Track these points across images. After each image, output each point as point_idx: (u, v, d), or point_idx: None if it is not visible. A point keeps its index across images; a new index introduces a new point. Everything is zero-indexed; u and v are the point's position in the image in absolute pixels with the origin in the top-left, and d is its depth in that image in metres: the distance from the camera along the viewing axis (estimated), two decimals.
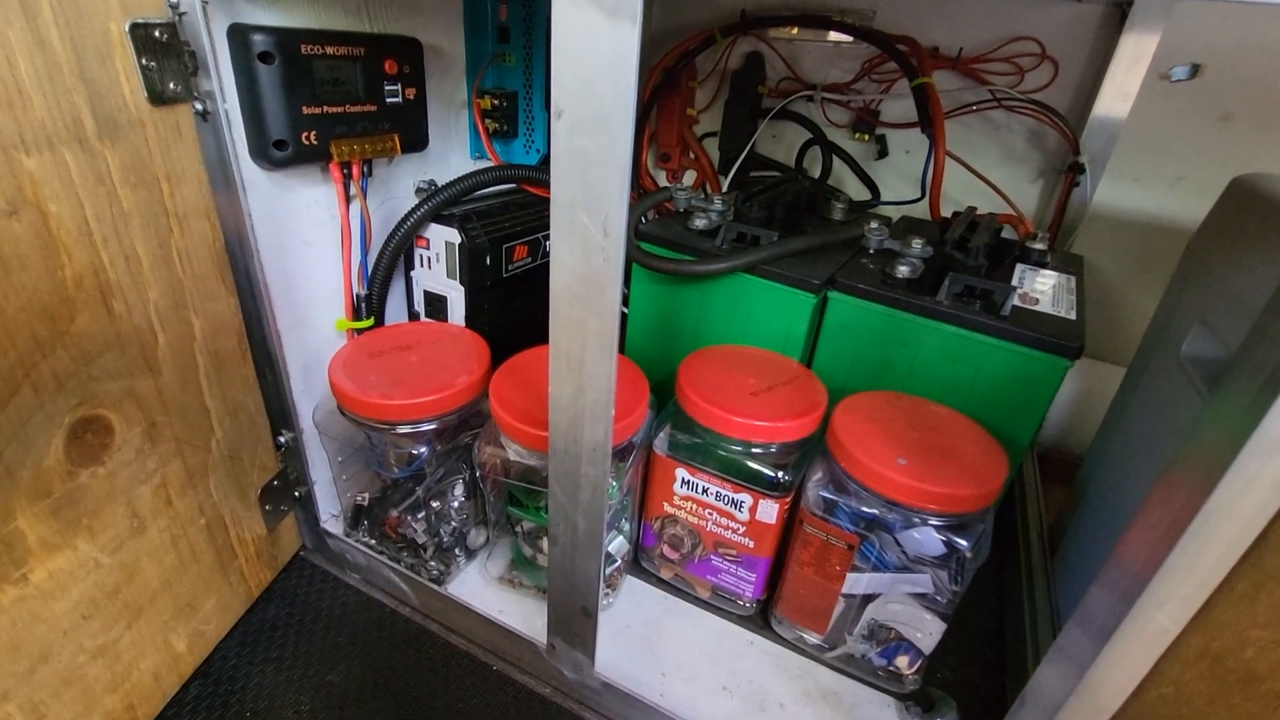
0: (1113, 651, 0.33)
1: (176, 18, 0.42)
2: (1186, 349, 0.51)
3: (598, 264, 0.34)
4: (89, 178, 0.39)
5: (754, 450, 0.55)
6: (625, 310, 0.73)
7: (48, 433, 0.39)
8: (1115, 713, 0.34)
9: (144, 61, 0.40)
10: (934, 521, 0.50)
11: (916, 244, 0.64)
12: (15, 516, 0.38)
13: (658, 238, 0.68)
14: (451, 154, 0.72)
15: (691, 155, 1.01)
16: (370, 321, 0.63)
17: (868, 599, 0.54)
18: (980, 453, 0.52)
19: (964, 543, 0.49)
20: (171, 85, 0.42)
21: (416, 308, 0.71)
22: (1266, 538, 0.27)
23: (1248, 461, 0.27)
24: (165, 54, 0.41)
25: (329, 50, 0.51)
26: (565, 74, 0.31)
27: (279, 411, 0.59)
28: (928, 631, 0.53)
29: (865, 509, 0.51)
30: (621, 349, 0.75)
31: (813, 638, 0.59)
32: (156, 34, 0.40)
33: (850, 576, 0.54)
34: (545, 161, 0.76)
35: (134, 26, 0.39)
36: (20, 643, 0.40)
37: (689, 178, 1.03)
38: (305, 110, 0.51)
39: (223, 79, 0.47)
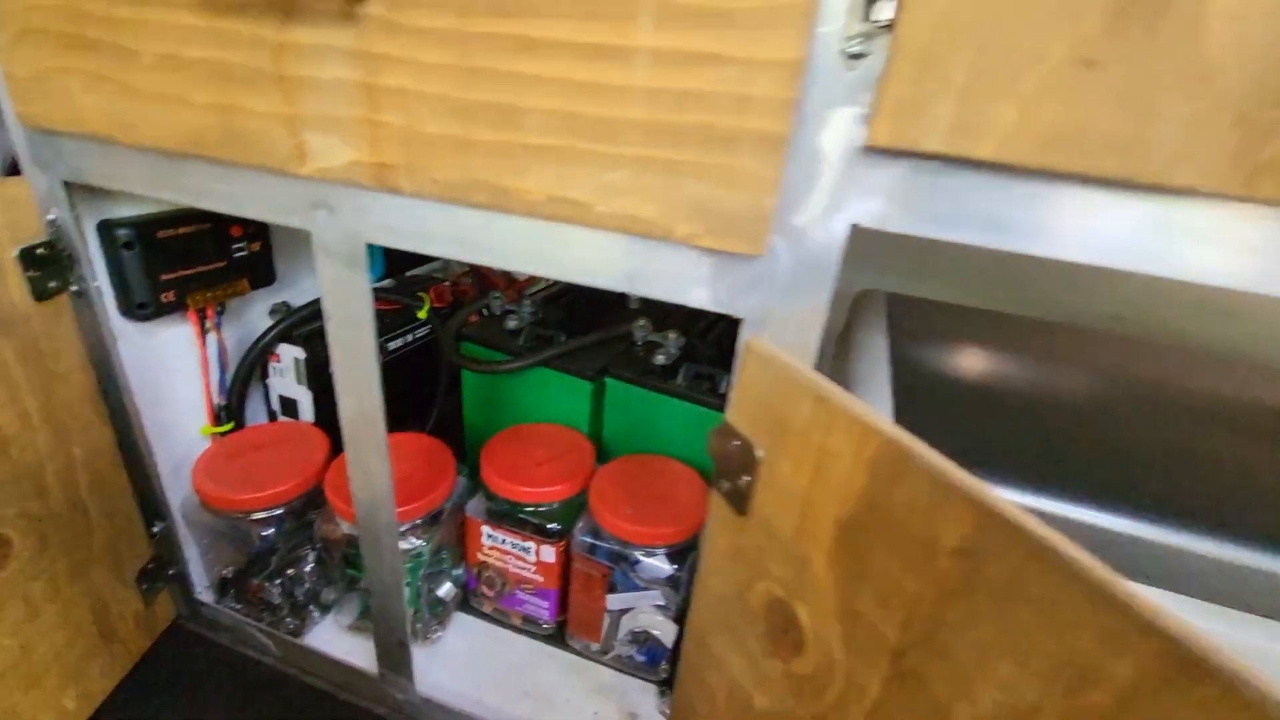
0: None
1: (54, 231, 0.57)
2: None
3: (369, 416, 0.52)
4: None
5: (541, 509, 0.74)
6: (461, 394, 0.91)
7: None
8: None
9: (29, 274, 0.54)
10: (659, 551, 0.70)
11: (671, 336, 0.85)
12: None
13: (478, 338, 0.86)
14: (302, 278, 0.88)
15: None
16: (230, 425, 0.78)
17: (624, 612, 0.74)
18: (693, 495, 0.73)
19: (677, 566, 0.69)
20: (51, 284, 0.57)
21: (274, 407, 0.85)
22: None
23: None
24: (46, 264, 0.56)
25: (181, 230, 0.67)
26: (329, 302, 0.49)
27: (152, 506, 0.72)
28: (668, 632, 0.73)
29: (612, 547, 0.71)
30: (460, 425, 0.93)
31: (594, 646, 0.77)
32: (39, 251, 0.55)
33: (610, 597, 0.73)
34: (381, 279, 0.93)
35: (22, 252, 0.54)
36: None
37: None
38: (163, 277, 0.66)
39: (94, 263, 0.61)
